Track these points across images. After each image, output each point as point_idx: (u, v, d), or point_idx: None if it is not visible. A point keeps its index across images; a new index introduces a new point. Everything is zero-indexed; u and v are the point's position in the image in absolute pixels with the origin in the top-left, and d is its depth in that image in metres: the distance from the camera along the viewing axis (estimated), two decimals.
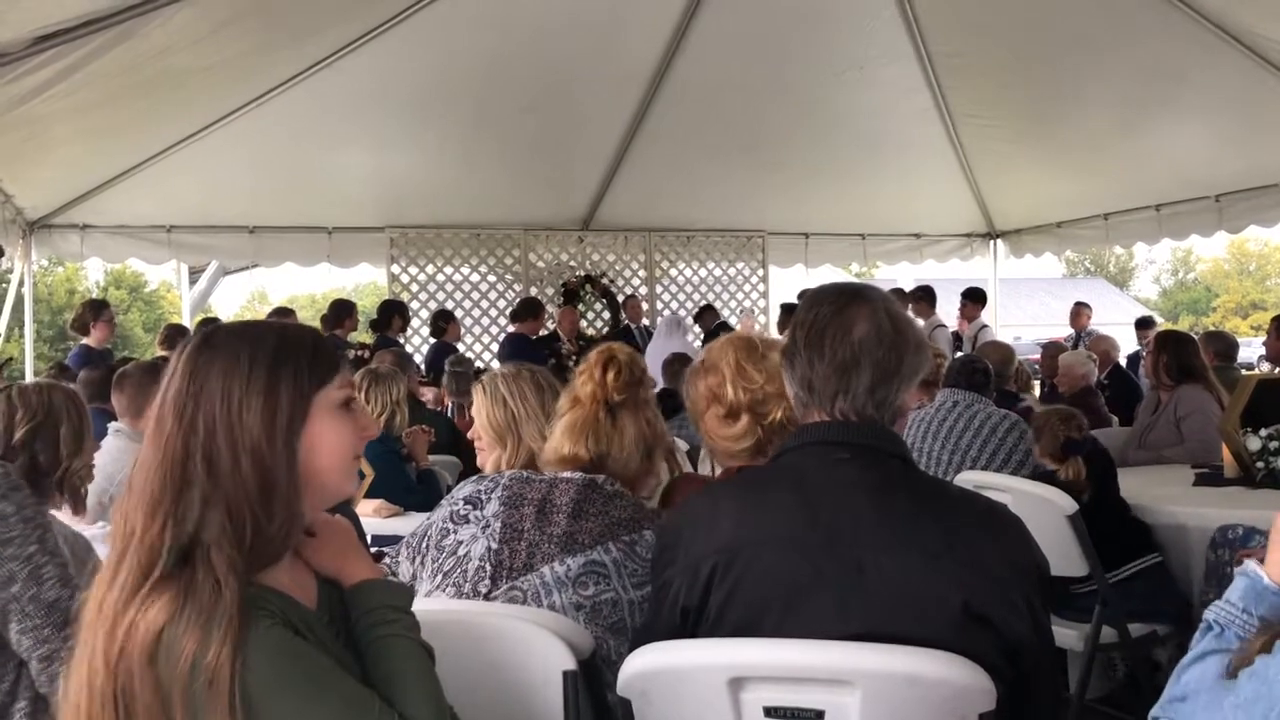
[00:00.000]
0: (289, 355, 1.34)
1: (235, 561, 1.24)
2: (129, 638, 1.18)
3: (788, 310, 9.36)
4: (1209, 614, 1.52)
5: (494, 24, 7.05)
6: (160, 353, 6.80)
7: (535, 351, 8.93)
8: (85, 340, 7.10)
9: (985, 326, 9.64)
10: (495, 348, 9.79)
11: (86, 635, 1.24)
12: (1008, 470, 4.09)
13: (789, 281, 11.82)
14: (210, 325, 1.36)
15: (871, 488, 1.60)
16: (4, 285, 8.08)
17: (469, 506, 2.08)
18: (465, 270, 10.15)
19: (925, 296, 9.45)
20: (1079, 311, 10.37)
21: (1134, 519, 3.69)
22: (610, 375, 2.18)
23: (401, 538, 2.24)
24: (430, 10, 6.60)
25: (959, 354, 7.84)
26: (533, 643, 1.68)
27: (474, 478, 2.20)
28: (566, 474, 2.10)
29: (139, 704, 1.17)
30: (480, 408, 2.46)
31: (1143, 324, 11.24)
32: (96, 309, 7.28)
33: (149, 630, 1.18)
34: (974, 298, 9.71)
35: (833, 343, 1.65)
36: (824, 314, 1.68)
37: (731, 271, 11.19)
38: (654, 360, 8.40)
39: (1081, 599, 3.57)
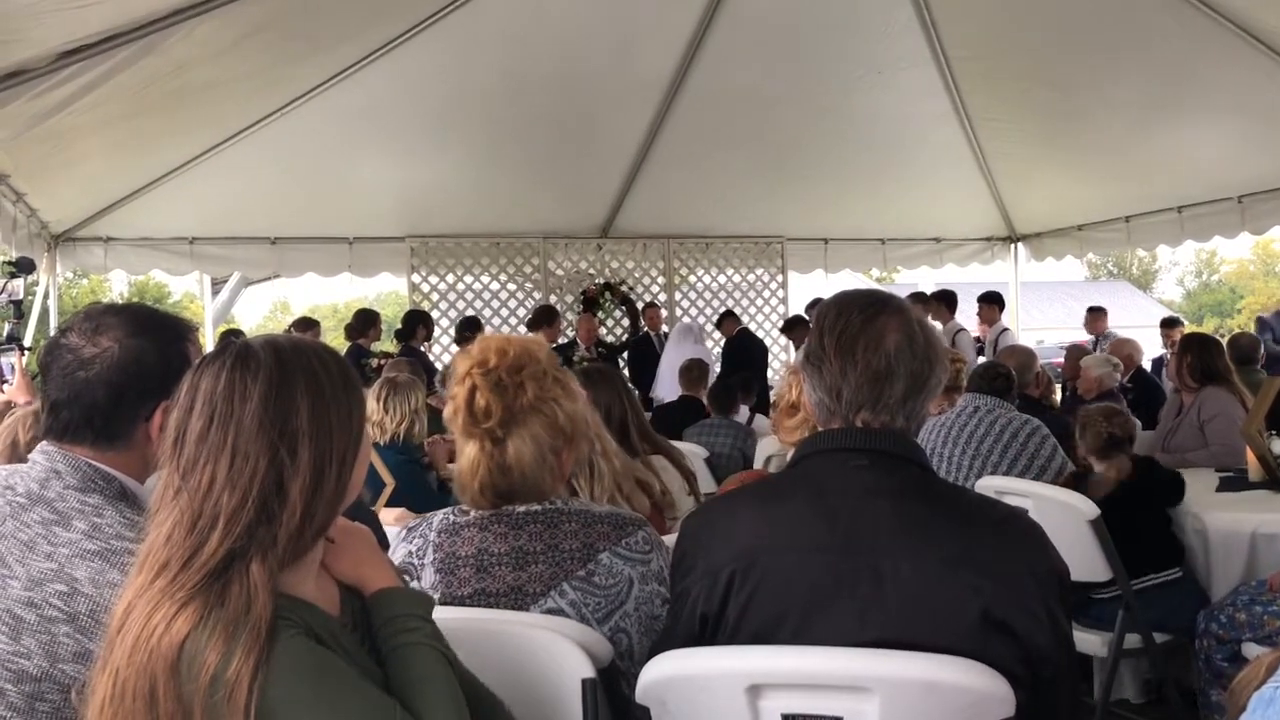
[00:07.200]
0: (350, 370, 1.40)
1: (274, 572, 1.25)
2: (154, 645, 1.18)
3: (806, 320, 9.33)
4: None
5: (513, 34, 7.09)
6: None
7: None
8: None
9: (1005, 330, 9.55)
10: None
11: (114, 639, 1.23)
12: (1029, 475, 4.07)
13: (808, 287, 11.80)
14: (251, 340, 1.34)
15: (890, 494, 1.60)
16: (30, 298, 8.15)
17: (405, 578, 1.85)
18: (485, 279, 10.21)
19: (945, 301, 9.36)
20: (1093, 317, 10.28)
21: (1170, 534, 3.68)
22: (480, 409, 1.84)
23: None
24: (448, 21, 6.65)
25: (980, 359, 7.80)
26: (552, 651, 1.68)
27: (405, 536, 1.97)
28: (493, 514, 1.89)
29: (163, 711, 1.18)
30: None
31: (1168, 324, 11.08)
32: None
33: (173, 639, 1.18)
34: (991, 301, 9.62)
35: (865, 352, 1.63)
36: (854, 322, 1.66)
37: (751, 278, 11.18)
38: (669, 368, 8.40)
39: (1102, 605, 3.54)
